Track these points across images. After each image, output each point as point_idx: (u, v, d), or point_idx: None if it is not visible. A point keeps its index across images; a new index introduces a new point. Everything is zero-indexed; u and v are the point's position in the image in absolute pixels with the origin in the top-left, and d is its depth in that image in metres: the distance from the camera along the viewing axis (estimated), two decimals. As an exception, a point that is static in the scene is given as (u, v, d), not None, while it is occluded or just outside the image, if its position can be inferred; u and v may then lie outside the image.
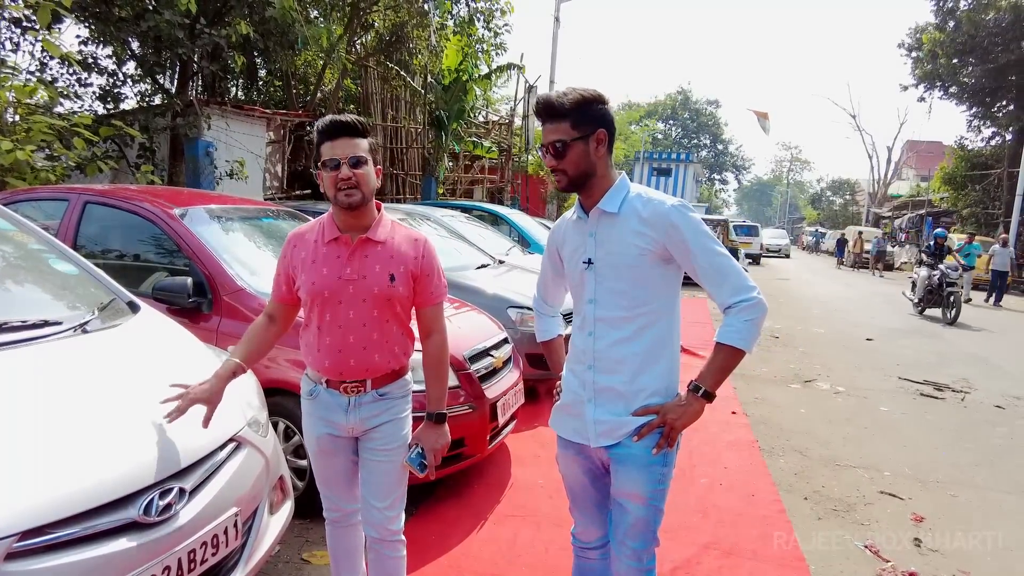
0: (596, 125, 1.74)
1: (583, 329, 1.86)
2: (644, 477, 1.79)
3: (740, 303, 1.72)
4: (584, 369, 1.84)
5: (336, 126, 1.91)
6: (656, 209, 1.74)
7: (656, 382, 1.80)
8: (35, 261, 2.57)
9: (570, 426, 1.91)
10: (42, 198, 4.02)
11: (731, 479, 3.94)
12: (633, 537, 1.83)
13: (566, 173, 1.77)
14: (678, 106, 63.24)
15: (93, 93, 9.82)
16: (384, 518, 2.10)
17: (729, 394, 5.89)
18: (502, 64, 16.75)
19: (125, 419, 1.91)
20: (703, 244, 1.72)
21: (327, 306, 1.98)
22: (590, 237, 1.82)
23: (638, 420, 1.78)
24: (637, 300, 1.77)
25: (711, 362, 1.77)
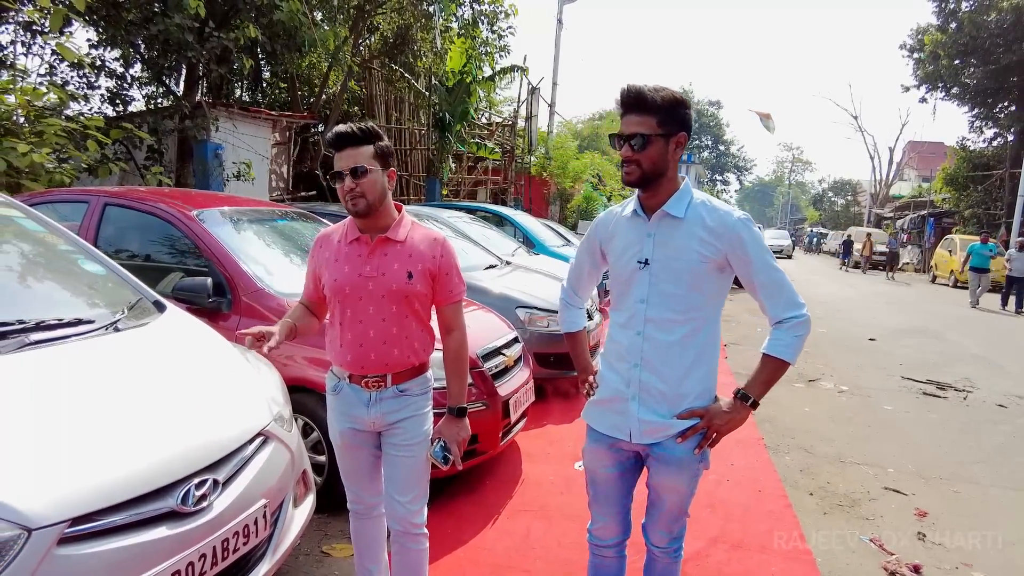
0: (680, 127, 1.78)
1: (630, 327, 1.89)
2: (685, 475, 1.90)
3: (791, 319, 1.80)
4: (629, 367, 1.88)
5: (338, 137, 1.99)
6: (723, 220, 1.80)
7: (699, 385, 1.86)
8: (66, 262, 2.65)
9: (609, 421, 1.95)
10: (63, 200, 4.10)
11: (738, 475, 4.01)
12: (668, 518, 1.99)
13: (640, 166, 1.78)
14: (680, 107, 63.23)
15: (101, 95, 9.91)
16: (407, 512, 2.16)
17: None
18: (505, 66, 16.84)
19: (159, 413, 1.98)
20: (764, 259, 1.80)
21: (348, 302, 2.06)
22: (648, 237, 1.85)
23: (683, 423, 1.85)
24: (690, 304, 1.82)
25: (759, 373, 1.85)
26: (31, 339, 2.04)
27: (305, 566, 2.80)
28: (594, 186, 25.95)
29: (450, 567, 2.84)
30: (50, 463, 1.62)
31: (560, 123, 29.66)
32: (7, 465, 1.57)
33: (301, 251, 4.05)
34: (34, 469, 1.59)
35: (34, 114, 6.16)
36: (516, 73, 17.70)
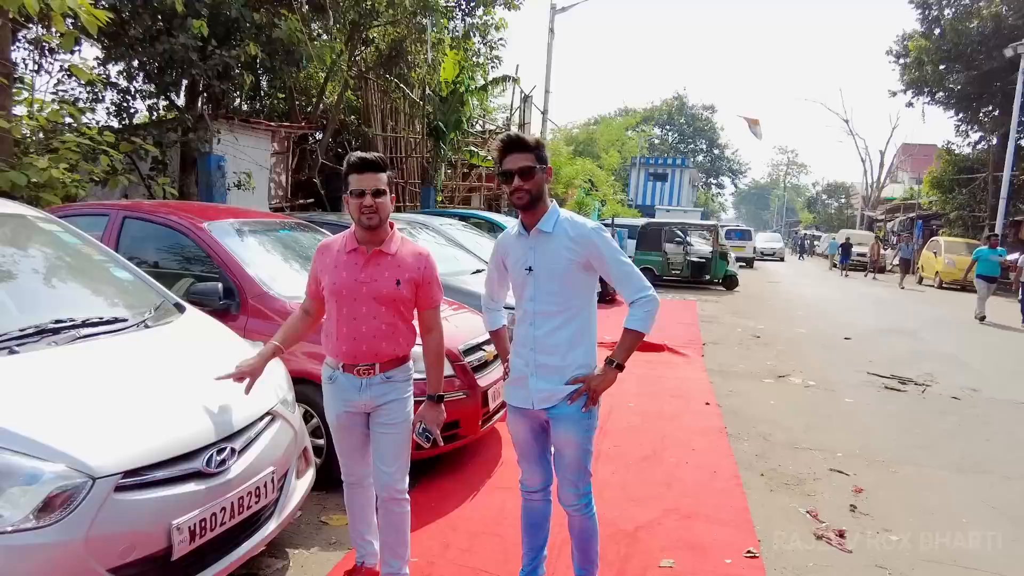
0: (545, 162, 2.36)
1: (524, 320, 2.44)
2: (576, 429, 2.39)
3: (640, 299, 2.34)
4: (527, 351, 2.42)
5: (364, 162, 2.40)
6: (581, 230, 2.35)
7: (581, 358, 2.40)
8: (100, 270, 3.08)
9: (518, 395, 2.47)
10: (86, 214, 4.52)
11: (697, 459, 4.43)
12: (571, 471, 2.45)
13: (530, 192, 2.31)
14: (674, 111, 63.89)
15: (106, 108, 10.34)
16: (391, 480, 2.58)
17: (704, 387, 6.39)
18: (497, 76, 17.29)
19: (186, 393, 2.41)
20: (614, 256, 2.34)
21: (344, 302, 2.46)
22: (531, 250, 2.39)
23: (570, 388, 2.37)
24: (565, 297, 2.36)
25: (621, 342, 2.39)
26: (80, 334, 2.47)
27: (306, 532, 3.22)
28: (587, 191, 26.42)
29: (433, 532, 3.26)
30: (106, 427, 2.05)
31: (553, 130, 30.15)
32: (75, 427, 1.99)
33: (301, 258, 4.47)
34: (95, 432, 2.01)
35: (48, 129, 6.58)
36: (509, 83, 18.20)
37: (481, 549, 3.13)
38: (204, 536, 2.18)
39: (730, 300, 14.96)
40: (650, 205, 39.67)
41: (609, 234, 2.40)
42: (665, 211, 34.69)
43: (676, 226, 18.30)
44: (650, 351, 7.88)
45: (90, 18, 5.88)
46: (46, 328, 2.40)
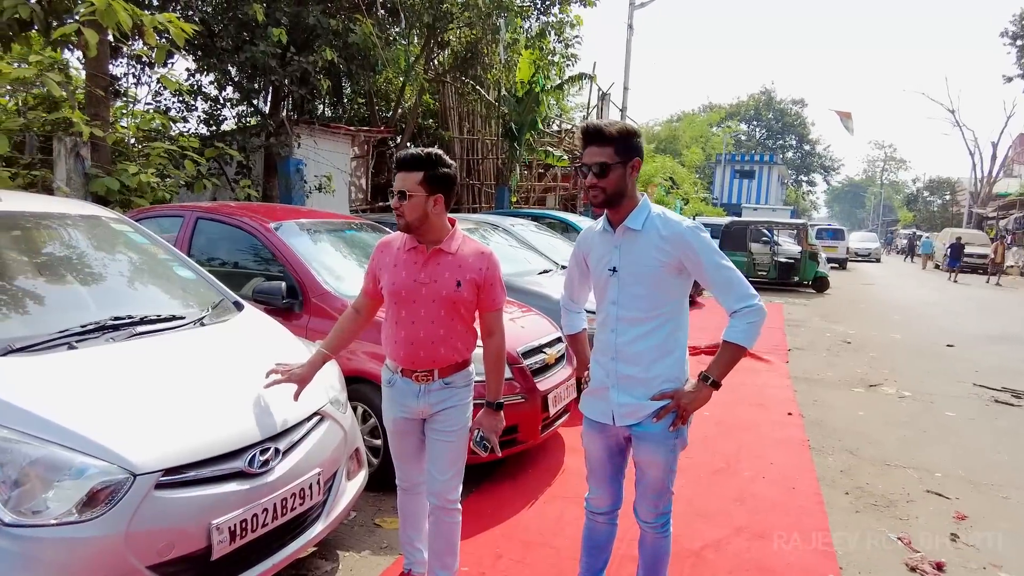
0: (633, 154, 2.09)
1: (606, 326, 2.20)
2: (662, 449, 2.17)
3: (744, 308, 2.06)
4: (608, 360, 2.19)
5: (399, 160, 2.31)
6: (675, 229, 2.09)
7: (668, 371, 2.15)
8: (164, 268, 3.16)
9: (597, 408, 2.25)
10: (163, 215, 4.73)
11: (775, 473, 4.12)
12: (653, 491, 2.25)
13: (604, 191, 2.08)
14: (761, 106, 61.48)
15: (198, 117, 10.94)
16: (444, 488, 2.47)
17: (787, 396, 5.99)
18: (574, 74, 17.10)
19: (234, 392, 2.41)
20: (713, 260, 2.07)
21: (403, 304, 2.35)
22: (615, 249, 2.15)
23: (656, 404, 2.13)
24: (653, 303, 2.12)
25: (719, 357, 2.13)
26: (137, 331, 2.52)
27: (359, 535, 3.19)
28: (667, 189, 25.77)
29: (486, 540, 3.16)
30: (150, 425, 2.05)
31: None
32: (119, 423, 2.01)
33: (366, 258, 4.48)
34: (139, 428, 2.02)
35: (142, 137, 6.99)
36: (585, 80, 17.96)
37: (535, 561, 2.99)
38: (245, 537, 2.16)
39: (819, 303, 14.12)
40: (736, 203, 38.28)
41: (707, 233, 2.13)
42: (752, 210, 33.29)
43: (762, 225, 17.50)
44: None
45: (178, 31, 6.17)
46: (107, 325, 2.46)
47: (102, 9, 5.83)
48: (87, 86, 6.29)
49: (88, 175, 5.91)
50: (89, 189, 5.89)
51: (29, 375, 2.08)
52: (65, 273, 2.78)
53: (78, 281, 2.78)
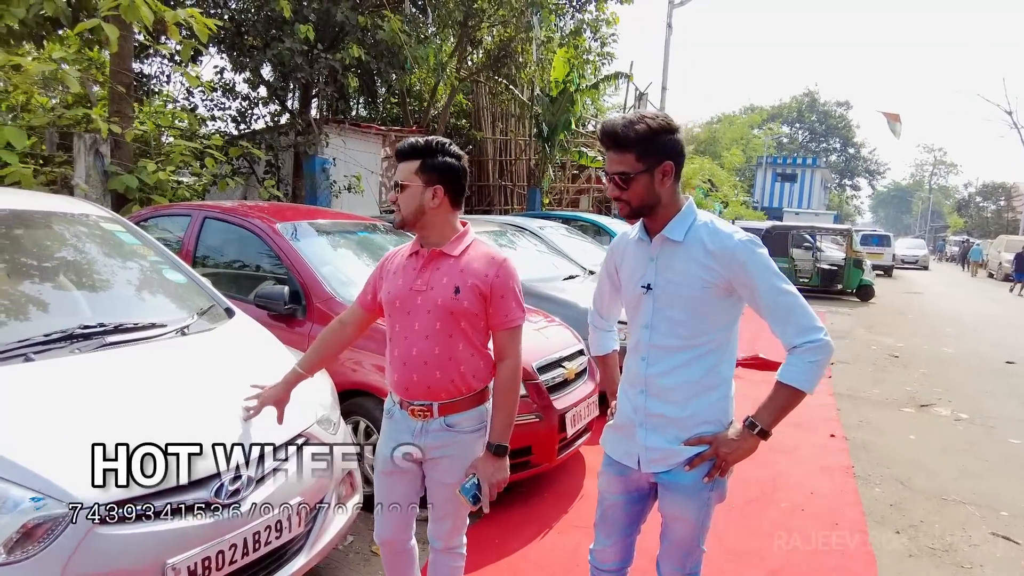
0: (662, 157, 1.71)
1: (636, 352, 1.86)
2: (693, 504, 1.82)
3: (806, 344, 1.68)
4: (636, 393, 1.85)
5: (398, 150, 2.03)
6: (724, 243, 1.72)
7: (708, 411, 1.80)
8: (152, 271, 2.96)
9: (621, 448, 1.92)
10: (172, 214, 4.58)
11: (815, 505, 3.74)
12: (679, 549, 1.90)
13: (629, 204, 1.76)
14: (804, 108, 59.94)
15: (230, 115, 10.92)
16: (445, 534, 2.13)
17: (830, 416, 5.56)
18: (609, 74, 16.72)
19: (205, 412, 2.17)
20: (770, 283, 1.70)
21: (397, 316, 2.02)
22: (651, 262, 1.81)
23: (690, 450, 1.79)
24: (695, 330, 1.77)
25: (771, 400, 1.75)
26: (108, 340, 2.30)
27: (354, 563, 2.94)
28: (706, 192, 25.15)
29: (491, 575, 2.87)
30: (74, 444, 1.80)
31: (671, 129, 28.95)
32: (63, 449, 1.78)
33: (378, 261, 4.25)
34: (85, 454, 1.78)
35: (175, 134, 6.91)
36: (622, 80, 17.55)
37: (543, 602, 2.70)
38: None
39: (864, 313, 13.47)
40: (777, 207, 37.25)
41: (765, 250, 1.75)
42: (794, 214, 32.35)
43: (804, 230, 16.84)
44: (767, 369, 7.06)
45: (201, 27, 6.06)
46: (74, 333, 2.25)
47: (125, 5, 5.73)
48: (109, 83, 6.22)
49: (107, 172, 5.83)
50: (108, 187, 5.80)
51: (-28, 391, 1.88)
52: (42, 276, 2.59)
53: (54, 285, 2.58)
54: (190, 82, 6.87)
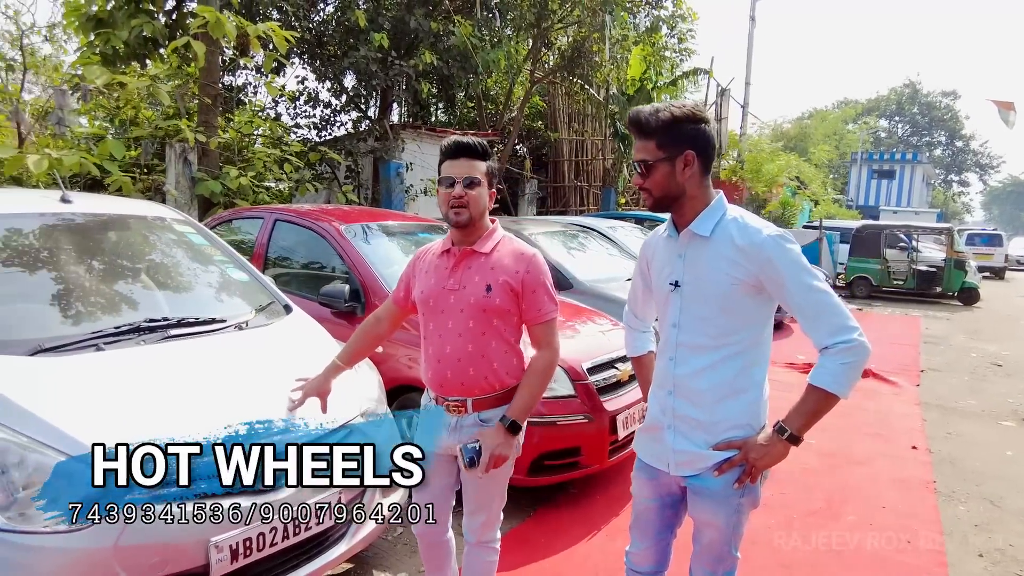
0: (684, 146, 1.69)
1: (664, 353, 1.84)
2: (723, 510, 1.79)
3: (838, 344, 1.61)
4: (665, 395, 1.83)
5: (458, 147, 1.99)
6: (752, 238, 1.68)
7: (738, 415, 1.75)
8: (218, 270, 3.16)
9: (651, 451, 1.89)
10: (248, 216, 4.86)
11: (886, 520, 3.51)
12: (710, 553, 1.86)
13: (651, 193, 1.74)
14: (904, 100, 56.21)
15: (314, 123, 11.44)
16: (480, 527, 2.17)
17: (914, 426, 5.21)
18: (688, 70, 16.35)
19: (253, 400, 2.29)
20: (800, 280, 1.64)
21: (431, 314, 2.07)
22: (679, 258, 1.78)
23: (718, 454, 1.75)
24: (723, 329, 1.72)
25: (802, 404, 1.69)
26: (171, 333, 2.48)
27: (400, 554, 3.02)
28: (794, 191, 24.06)
29: (535, 573, 2.87)
30: (155, 432, 1.93)
31: (758, 125, 27.97)
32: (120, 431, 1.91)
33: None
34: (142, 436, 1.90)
35: (268, 142, 7.32)
36: (702, 76, 17.12)
37: (583, 604, 2.68)
38: (248, 556, 2.03)
39: (966, 318, 12.49)
40: (873, 206, 35.12)
41: (796, 246, 1.69)
42: (892, 212, 30.38)
43: (899, 229, 15.81)
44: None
45: (280, 40, 6.41)
46: (140, 326, 2.44)
47: (212, 23, 6.14)
48: (197, 96, 6.67)
49: (195, 179, 6.25)
50: (195, 191, 6.23)
51: (49, 376, 2.08)
52: (118, 273, 2.82)
53: (128, 281, 2.81)
54: (270, 92, 7.28)
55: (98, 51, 6.54)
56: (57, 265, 2.66)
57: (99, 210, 3.08)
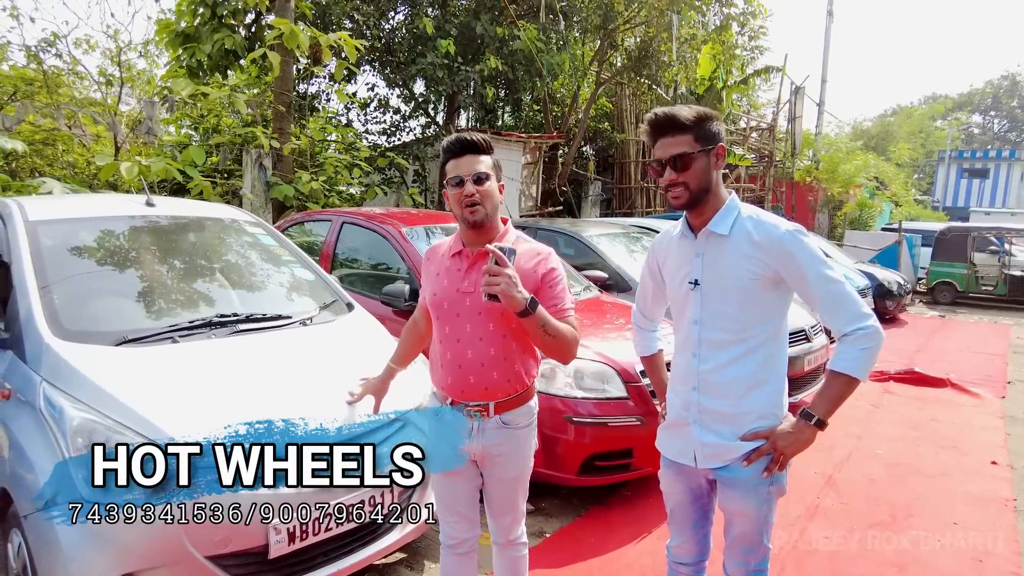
0: (716, 139, 1.77)
1: (686, 349, 1.88)
2: (752, 498, 1.84)
3: (856, 331, 1.70)
4: (688, 390, 1.87)
5: (461, 144, 1.95)
6: (770, 234, 1.75)
7: (762, 405, 1.81)
8: (285, 270, 3.35)
9: (675, 447, 1.94)
10: (317, 219, 5.10)
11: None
12: (742, 545, 1.91)
13: (688, 187, 1.76)
14: (1002, 94, 52.55)
15: (383, 128, 11.81)
16: (504, 528, 2.16)
17: (996, 440, 4.91)
18: (760, 68, 15.89)
19: (312, 392, 2.43)
20: (819, 271, 1.72)
21: (446, 318, 2.01)
22: (697, 258, 1.83)
23: (746, 445, 1.80)
24: (744, 323, 1.79)
25: (825, 389, 1.76)
26: (240, 328, 2.66)
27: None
28: (872, 192, 22.97)
29: (582, 572, 2.91)
30: (224, 419, 2.08)
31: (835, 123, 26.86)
32: (190, 418, 2.09)
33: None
34: (210, 423, 2.06)
35: (340, 147, 7.64)
36: (775, 74, 16.61)
37: (630, 604, 2.69)
38: (305, 539, 2.16)
39: (1065, 327, 11.61)
40: (963, 207, 33.00)
41: (812, 239, 1.75)
42: (984, 214, 28.47)
43: (989, 231, 14.84)
44: (926, 385, 6.37)
45: (351, 48, 6.68)
46: (212, 321, 2.63)
47: (287, 34, 6.46)
48: (272, 104, 7.03)
49: (269, 183, 6.59)
50: (269, 195, 6.56)
51: (130, 365, 2.27)
52: (194, 271, 3.04)
53: (203, 279, 3.02)
54: (341, 99, 7.59)
55: (184, 64, 6.99)
56: (140, 263, 2.90)
57: (179, 213, 3.33)
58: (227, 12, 6.90)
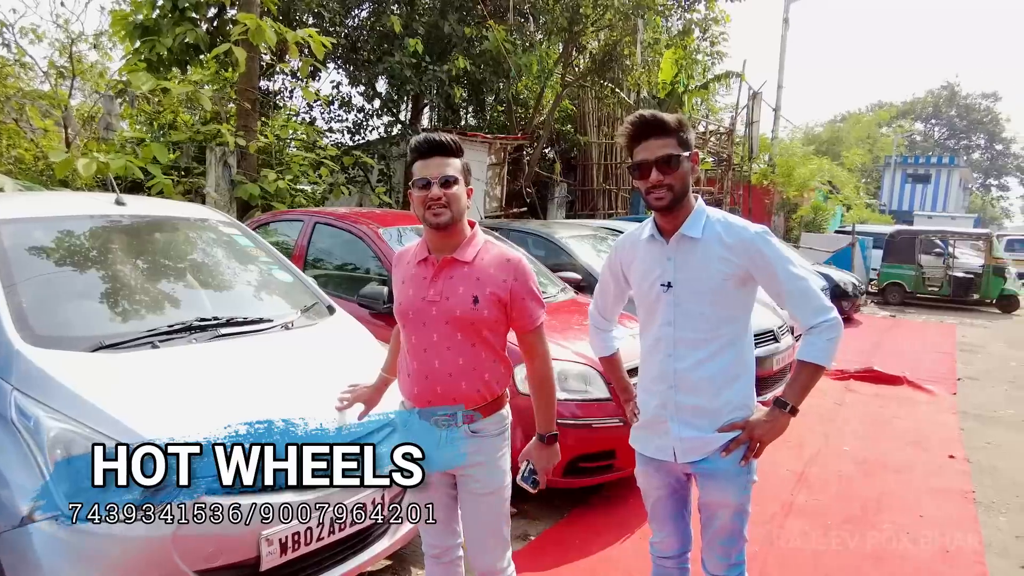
0: (691, 147, 1.85)
1: (658, 350, 1.92)
2: (733, 488, 1.92)
3: (822, 323, 1.82)
4: (665, 389, 1.92)
5: (430, 144, 1.88)
6: (741, 236, 1.85)
7: (737, 398, 1.91)
8: (263, 272, 3.26)
9: (653, 444, 1.99)
10: (288, 219, 4.99)
11: (923, 530, 3.47)
12: (723, 537, 1.97)
13: (672, 189, 1.80)
14: (942, 103, 54.94)
15: (346, 127, 11.63)
16: (488, 556, 2.03)
17: (951, 435, 5.12)
18: (720, 73, 16.22)
19: (300, 399, 2.35)
20: (787, 269, 1.83)
21: (412, 328, 1.95)
22: (668, 261, 1.88)
23: (724, 436, 1.88)
24: (716, 321, 1.88)
25: (795, 378, 1.89)
26: (221, 332, 2.57)
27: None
28: (826, 195, 23.71)
29: (570, 573, 2.91)
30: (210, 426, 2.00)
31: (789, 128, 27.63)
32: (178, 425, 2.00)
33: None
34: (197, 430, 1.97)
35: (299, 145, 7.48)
36: (734, 79, 16.97)
37: (618, 605, 2.71)
38: (297, 550, 2.11)
39: (1005, 326, 12.19)
40: (907, 211, 34.40)
41: (778, 239, 1.87)
42: (926, 218, 29.72)
43: (935, 235, 15.48)
44: (883, 383, 6.60)
45: (318, 45, 6.55)
46: (192, 325, 2.54)
47: (253, 29, 6.30)
48: (236, 100, 6.84)
49: (234, 182, 6.41)
50: (234, 194, 6.39)
51: (109, 372, 2.18)
52: (169, 274, 2.93)
53: (180, 282, 2.91)
54: (307, 97, 7.43)
55: (143, 58, 6.75)
56: (113, 265, 2.78)
57: (151, 212, 3.20)
58: (189, 5, 6.68)
